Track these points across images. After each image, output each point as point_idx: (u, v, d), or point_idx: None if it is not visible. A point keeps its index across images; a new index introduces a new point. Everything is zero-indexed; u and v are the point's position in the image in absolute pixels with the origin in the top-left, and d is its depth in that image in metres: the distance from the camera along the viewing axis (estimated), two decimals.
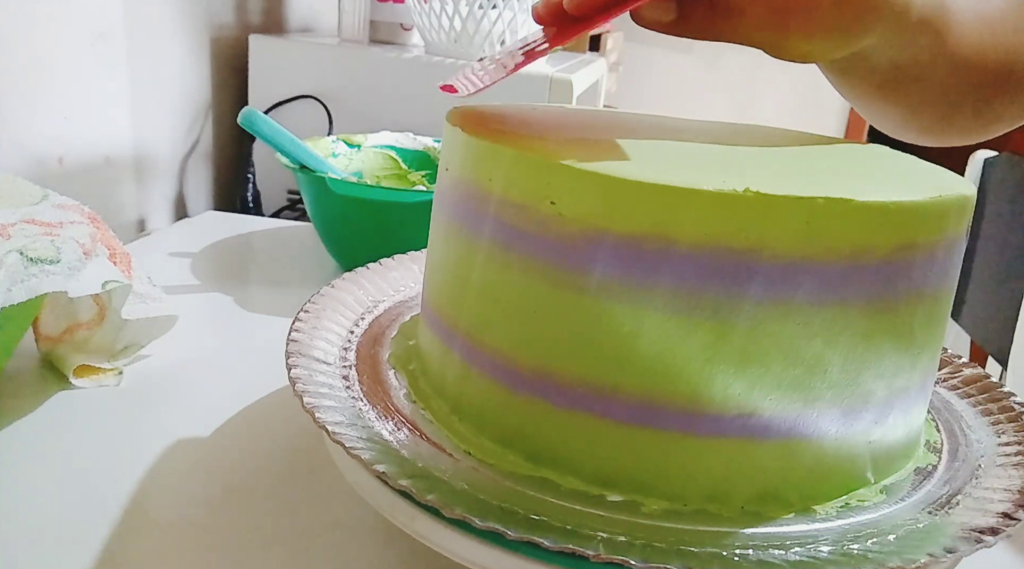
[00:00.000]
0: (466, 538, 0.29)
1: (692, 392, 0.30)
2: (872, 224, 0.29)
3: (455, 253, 0.36)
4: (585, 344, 0.31)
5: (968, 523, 0.30)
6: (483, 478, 0.32)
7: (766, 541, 0.29)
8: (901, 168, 0.37)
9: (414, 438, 0.34)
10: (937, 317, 0.34)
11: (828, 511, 0.32)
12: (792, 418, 0.31)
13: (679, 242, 0.29)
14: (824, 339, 0.30)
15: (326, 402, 0.34)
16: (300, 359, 0.37)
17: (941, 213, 0.31)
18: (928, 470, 0.35)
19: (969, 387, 0.42)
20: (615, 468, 0.32)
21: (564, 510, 0.30)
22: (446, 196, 0.37)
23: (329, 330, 0.41)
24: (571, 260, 0.30)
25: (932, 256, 0.31)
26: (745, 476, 0.31)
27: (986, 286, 1.33)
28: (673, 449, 0.31)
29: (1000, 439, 0.37)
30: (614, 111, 0.47)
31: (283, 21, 1.08)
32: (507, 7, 0.89)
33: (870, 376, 0.31)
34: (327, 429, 0.31)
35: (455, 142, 0.36)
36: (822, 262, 0.29)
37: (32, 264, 0.39)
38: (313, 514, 0.38)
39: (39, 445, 0.41)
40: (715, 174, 0.31)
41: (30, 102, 0.66)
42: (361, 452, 0.30)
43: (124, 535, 0.35)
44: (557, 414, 0.32)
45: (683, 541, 0.29)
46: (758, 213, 0.28)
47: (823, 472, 0.32)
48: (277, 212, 0.95)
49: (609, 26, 2.47)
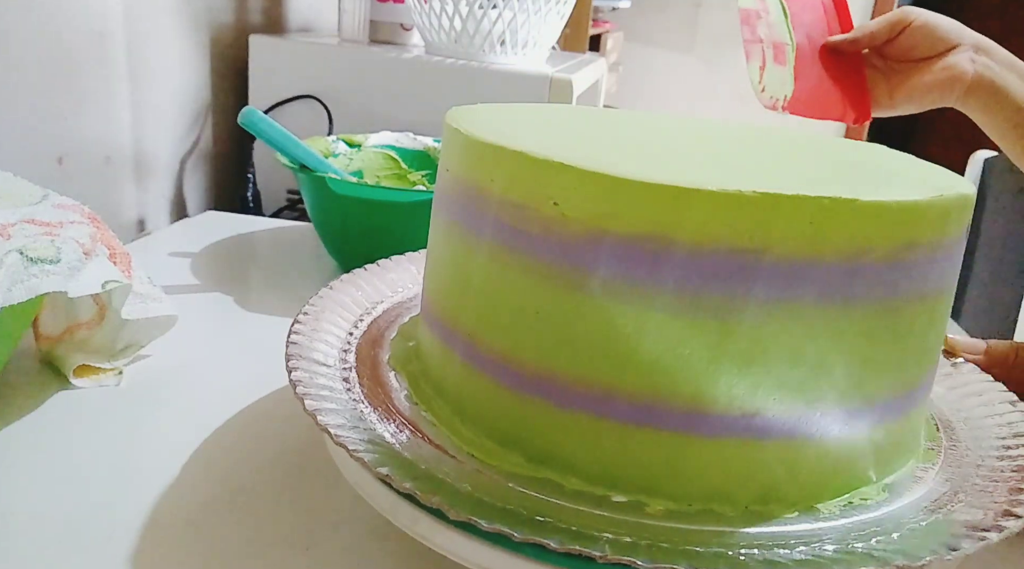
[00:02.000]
0: (469, 540, 0.29)
1: (695, 393, 0.30)
2: (875, 224, 0.29)
3: (456, 254, 0.36)
4: (587, 344, 0.31)
5: (970, 521, 0.30)
6: (486, 480, 0.32)
7: (771, 540, 0.29)
8: (901, 167, 0.37)
9: (416, 440, 0.34)
10: (937, 316, 0.34)
11: (831, 510, 0.32)
12: (795, 418, 0.30)
13: (682, 242, 0.29)
14: (827, 339, 0.30)
15: (328, 405, 0.34)
16: (300, 362, 0.37)
17: (942, 212, 0.31)
18: (929, 468, 0.35)
19: (968, 386, 0.42)
20: (618, 469, 0.31)
21: (568, 511, 0.30)
22: (446, 197, 0.37)
23: (328, 332, 0.41)
24: (573, 260, 0.30)
25: (933, 256, 0.31)
26: (748, 476, 0.31)
27: (986, 286, 1.33)
28: (676, 449, 0.31)
29: (999, 433, 0.37)
30: (613, 110, 0.47)
31: (283, 21, 1.08)
32: (507, 7, 0.89)
33: (872, 376, 0.31)
34: (330, 432, 0.31)
35: (455, 142, 0.36)
36: (825, 262, 0.29)
37: (32, 264, 0.39)
38: (313, 514, 0.38)
39: (39, 445, 0.41)
40: (718, 173, 0.31)
41: (30, 102, 0.66)
42: (364, 455, 0.30)
43: (124, 535, 0.35)
44: (559, 415, 0.32)
45: (688, 541, 0.29)
46: (763, 213, 0.28)
47: (826, 471, 0.32)
48: (277, 212, 0.95)
49: (609, 26, 2.47)
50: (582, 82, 0.95)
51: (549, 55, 1.04)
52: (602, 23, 2.51)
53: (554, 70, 0.89)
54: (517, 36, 0.91)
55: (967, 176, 1.38)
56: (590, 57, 1.25)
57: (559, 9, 0.93)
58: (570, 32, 1.88)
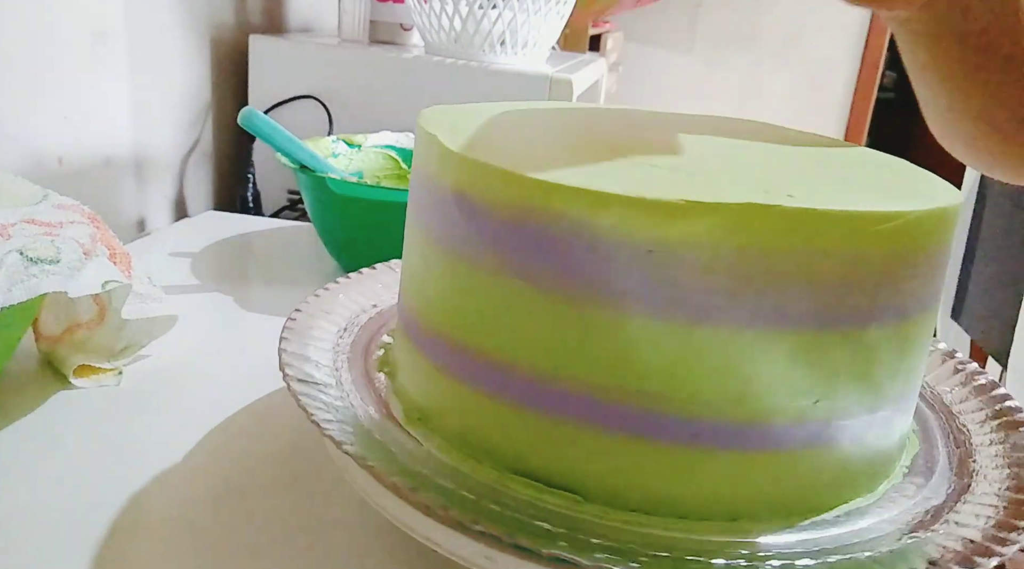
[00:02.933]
0: (466, 538, 0.29)
1: (658, 398, 0.30)
2: (861, 235, 0.29)
3: (432, 263, 0.35)
4: (573, 352, 0.30)
5: (948, 545, 0.29)
6: (473, 482, 0.32)
7: (748, 552, 0.29)
8: (889, 174, 0.37)
9: (412, 441, 0.34)
10: (911, 335, 0.33)
11: (805, 524, 0.31)
12: (777, 430, 0.30)
13: (668, 252, 0.28)
14: (816, 352, 0.30)
15: (323, 406, 0.34)
16: (294, 364, 0.37)
17: (927, 226, 0.30)
18: (911, 484, 0.34)
19: (966, 388, 0.42)
20: (599, 476, 0.31)
21: (553, 513, 0.30)
22: (421, 202, 0.36)
23: (321, 336, 0.41)
24: (560, 269, 0.30)
25: (897, 272, 0.31)
26: (729, 487, 0.31)
27: (986, 286, 1.33)
28: (637, 457, 0.31)
29: (992, 438, 0.37)
30: (584, 107, 0.47)
31: (283, 21, 1.08)
32: (507, 7, 0.89)
33: (861, 388, 0.31)
34: (333, 438, 0.31)
35: (430, 149, 0.35)
36: (809, 275, 0.29)
37: (32, 264, 0.39)
38: (313, 514, 0.38)
39: (39, 445, 0.41)
40: (708, 185, 0.30)
41: (30, 102, 0.66)
42: (347, 447, 0.30)
43: (124, 535, 0.35)
44: (547, 423, 0.32)
45: (676, 549, 0.29)
46: (747, 223, 0.28)
47: (796, 486, 0.32)
48: (277, 212, 0.95)
49: (609, 26, 2.47)
50: (582, 82, 0.95)
51: (549, 55, 1.04)
52: (602, 23, 2.51)
53: (554, 70, 0.89)
54: (517, 36, 0.91)
55: (967, 176, 1.38)
56: (590, 57, 1.25)
57: (559, 9, 0.93)
58: (570, 32, 1.88)
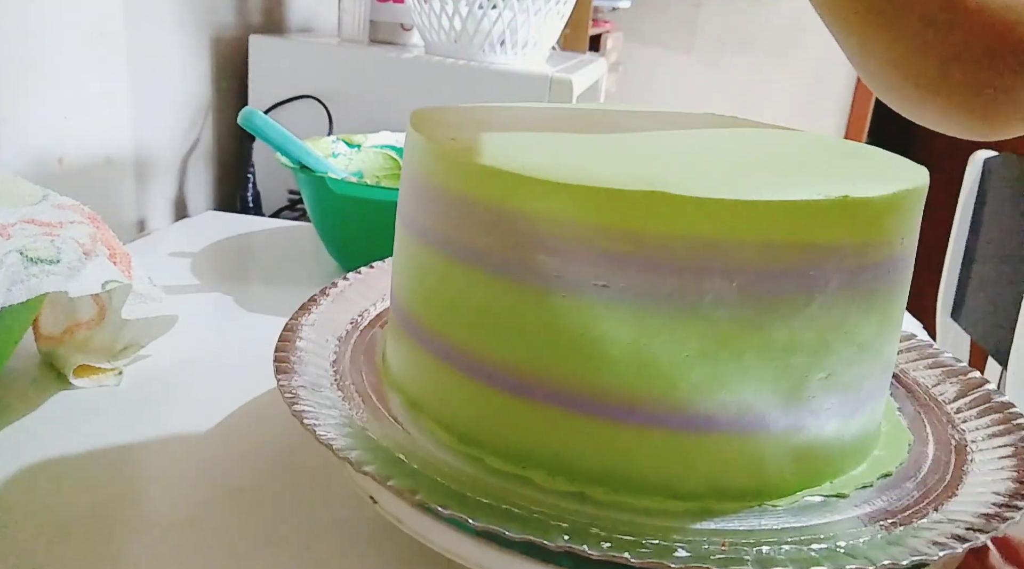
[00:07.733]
0: (466, 537, 0.29)
1: (636, 384, 0.30)
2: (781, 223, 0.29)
3: (421, 260, 0.35)
4: (551, 343, 0.31)
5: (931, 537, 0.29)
6: (470, 476, 0.32)
7: (714, 536, 0.29)
8: (865, 162, 0.37)
9: (410, 441, 0.34)
10: (889, 308, 0.33)
11: (780, 508, 0.32)
12: (747, 414, 0.31)
13: (645, 244, 0.29)
14: (787, 333, 0.30)
15: (322, 414, 0.34)
16: (291, 374, 0.37)
17: (848, 212, 0.31)
18: (893, 473, 0.35)
19: (962, 387, 0.42)
20: (588, 464, 0.32)
21: (553, 507, 0.30)
22: (409, 201, 0.37)
23: (318, 340, 0.41)
24: (539, 262, 0.30)
25: (855, 255, 0.31)
26: (697, 468, 0.31)
27: (986, 286, 1.33)
28: (621, 442, 0.31)
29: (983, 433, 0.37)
30: (568, 107, 0.47)
31: (283, 21, 1.08)
32: (507, 7, 0.89)
33: (777, 378, 0.31)
34: (330, 446, 0.31)
35: (417, 148, 0.36)
36: (783, 258, 0.29)
37: (32, 264, 0.39)
38: (313, 514, 0.38)
39: (39, 445, 0.41)
40: (685, 177, 0.31)
41: (30, 102, 0.66)
42: (333, 440, 0.31)
43: (124, 535, 0.35)
44: (532, 411, 0.32)
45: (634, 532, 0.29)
46: (719, 215, 0.29)
47: (778, 468, 0.32)
48: (277, 212, 0.95)
49: (609, 26, 2.47)
50: (582, 82, 0.95)
51: (549, 55, 1.04)
52: (602, 23, 2.52)
53: (554, 70, 0.89)
54: (517, 36, 0.91)
55: (967, 176, 1.38)
56: (590, 57, 1.25)
57: (559, 9, 0.93)
58: (570, 32, 1.88)
